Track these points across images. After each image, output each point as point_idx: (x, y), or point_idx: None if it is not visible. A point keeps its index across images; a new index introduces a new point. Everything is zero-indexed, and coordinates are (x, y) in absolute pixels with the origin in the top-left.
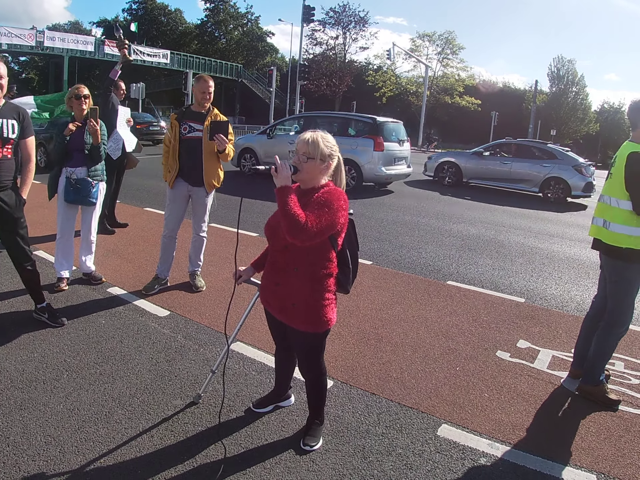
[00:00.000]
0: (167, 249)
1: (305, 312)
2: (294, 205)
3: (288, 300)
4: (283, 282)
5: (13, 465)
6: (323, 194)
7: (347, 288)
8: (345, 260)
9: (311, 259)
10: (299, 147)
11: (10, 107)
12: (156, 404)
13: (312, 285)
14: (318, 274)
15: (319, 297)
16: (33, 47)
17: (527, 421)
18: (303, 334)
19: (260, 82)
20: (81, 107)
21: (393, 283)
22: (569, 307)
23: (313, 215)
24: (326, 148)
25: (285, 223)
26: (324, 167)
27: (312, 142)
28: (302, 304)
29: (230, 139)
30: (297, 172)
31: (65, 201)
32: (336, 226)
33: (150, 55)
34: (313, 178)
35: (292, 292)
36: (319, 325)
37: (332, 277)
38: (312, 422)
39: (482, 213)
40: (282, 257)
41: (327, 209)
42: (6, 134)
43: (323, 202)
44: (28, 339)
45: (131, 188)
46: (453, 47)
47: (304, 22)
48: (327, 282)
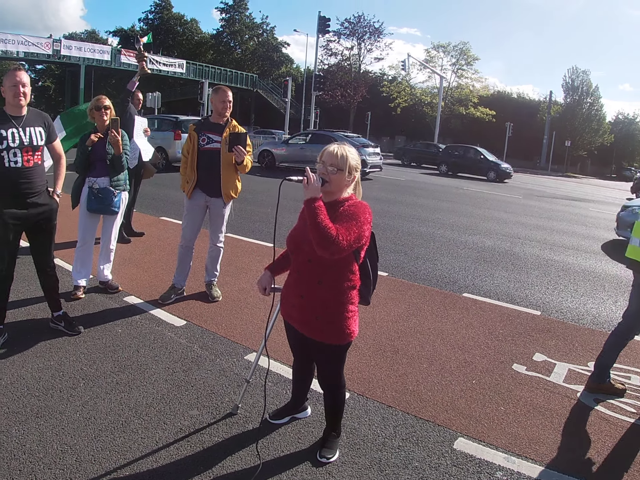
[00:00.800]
0: (184, 258)
1: (328, 325)
2: (325, 217)
3: (312, 313)
4: (307, 294)
5: (29, 473)
6: (349, 207)
7: (368, 299)
8: (366, 272)
9: (335, 272)
10: (327, 159)
11: (34, 114)
12: (173, 414)
13: (336, 298)
14: (342, 287)
15: (343, 310)
16: (50, 56)
17: (543, 435)
18: (326, 347)
19: (276, 92)
20: (102, 118)
21: (409, 295)
22: (585, 320)
23: (343, 229)
24: (353, 160)
25: (316, 236)
26: (350, 179)
27: (341, 154)
28: (326, 316)
29: (249, 150)
30: (324, 184)
31: (87, 210)
32: (362, 239)
33: (166, 65)
34: (340, 190)
35: (316, 304)
36: (342, 338)
37: (355, 289)
38: (329, 434)
39: (497, 224)
40: (306, 270)
41: (355, 222)
42: (36, 142)
43: (351, 215)
44: (44, 347)
45: (147, 197)
46: (467, 57)
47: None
48: (351, 295)
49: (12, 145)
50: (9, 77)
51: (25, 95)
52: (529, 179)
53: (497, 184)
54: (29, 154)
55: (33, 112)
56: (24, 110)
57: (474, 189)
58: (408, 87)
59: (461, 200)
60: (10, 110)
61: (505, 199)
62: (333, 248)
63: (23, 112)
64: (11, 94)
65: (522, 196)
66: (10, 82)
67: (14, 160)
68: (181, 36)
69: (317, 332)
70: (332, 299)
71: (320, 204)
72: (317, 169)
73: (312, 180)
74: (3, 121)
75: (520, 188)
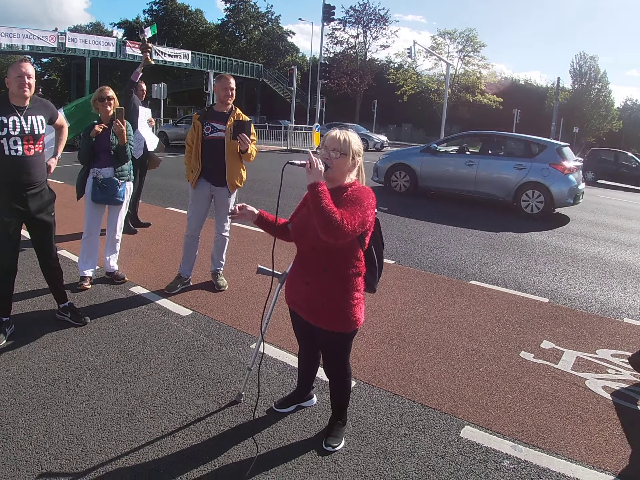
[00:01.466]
0: (190, 248)
1: (334, 312)
2: (329, 202)
3: (317, 300)
4: (312, 282)
5: (35, 463)
6: (353, 192)
7: (373, 287)
8: (372, 259)
9: (340, 258)
10: (329, 144)
11: (37, 103)
12: (179, 403)
13: (342, 285)
14: (347, 273)
15: (349, 297)
16: (55, 49)
17: (550, 423)
18: (331, 334)
19: (281, 81)
20: (106, 108)
21: (416, 282)
22: (593, 307)
23: (347, 213)
24: (355, 145)
25: (320, 220)
26: (353, 164)
27: (344, 139)
28: (331, 303)
29: (253, 139)
30: (327, 169)
31: (92, 201)
32: (367, 224)
33: (171, 56)
34: (343, 175)
35: (322, 291)
36: (348, 325)
37: (361, 276)
38: (335, 423)
39: (503, 212)
40: (311, 258)
41: (359, 206)
42: (37, 131)
43: (355, 200)
44: (51, 338)
45: (153, 188)
46: (474, 44)
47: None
48: (356, 282)
49: (12, 133)
50: (15, 68)
51: (30, 87)
52: None
53: None
54: (30, 142)
55: (37, 101)
56: (27, 101)
57: None
58: (414, 75)
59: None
60: (14, 101)
61: None
62: (337, 233)
63: (26, 103)
64: (16, 84)
65: None
66: (15, 73)
67: (14, 148)
68: (186, 27)
69: (323, 320)
70: (338, 286)
71: (324, 189)
72: (320, 154)
73: (315, 164)
74: (5, 109)
75: None
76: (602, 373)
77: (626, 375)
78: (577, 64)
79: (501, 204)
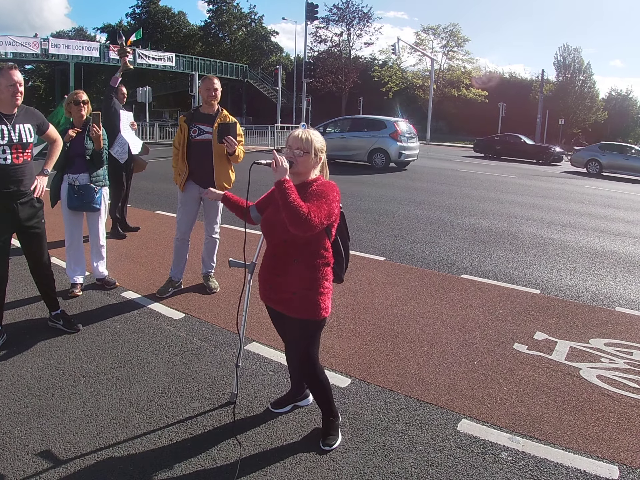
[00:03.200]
0: (180, 251)
1: (305, 300)
2: (295, 197)
3: (288, 290)
4: (283, 273)
5: (33, 473)
6: (319, 186)
7: (341, 277)
8: (338, 250)
9: (309, 249)
10: (292, 143)
11: (25, 111)
12: (174, 407)
13: (312, 274)
14: (316, 263)
15: (318, 285)
16: (38, 55)
17: (546, 413)
18: (300, 322)
19: (266, 81)
20: (80, 112)
21: (407, 278)
22: (584, 297)
23: (314, 207)
24: (317, 143)
25: (288, 215)
26: (316, 160)
27: (305, 138)
28: (301, 291)
29: (240, 140)
30: (292, 166)
31: (69, 208)
32: (332, 216)
33: (155, 59)
34: (307, 171)
35: (293, 282)
36: (317, 313)
37: (329, 266)
38: (327, 420)
39: (493, 205)
40: (281, 251)
41: (324, 200)
42: (25, 140)
43: (320, 194)
44: (44, 346)
45: (141, 192)
46: (458, 39)
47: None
48: (325, 271)
49: (1, 142)
50: (5, 76)
51: (22, 95)
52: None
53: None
54: (19, 151)
55: (24, 110)
56: (15, 109)
57: (469, 171)
58: (399, 71)
59: (456, 182)
60: (1, 109)
61: (500, 179)
62: (305, 226)
63: (14, 111)
64: (9, 93)
65: (518, 176)
66: (7, 81)
67: (3, 157)
68: (169, 29)
69: (293, 308)
70: (308, 275)
71: (290, 185)
72: (284, 152)
73: (280, 163)
74: None
75: (515, 168)
76: (596, 362)
77: (620, 364)
78: (560, 55)
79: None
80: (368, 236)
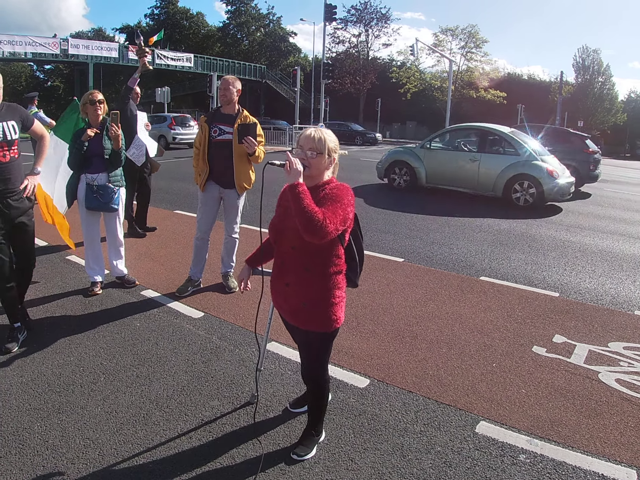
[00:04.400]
0: (200, 251)
1: (315, 312)
2: (310, 202)
3: (298, 301)
4: (292, 282)
5: (52, 468)
6: (332, 190)
7: (355, 282)
8: (352, 255)
9: (321, 257)
10: (304, 144)
11: (5, 108)
12: (193, 405)
13: (323, 284)
14: (328, 272)
15: (330, 296)
16: (57, 55)
17: (565, 417)
18: (312, 334)
19: (285, 82)
20: (96, 112)
21: (426, 280)
22: (603, 301)
23: (329, 212)
24: (331, 143)
25: (302, 221)
26: (329, 161)
27: (318, 138)
28: (312, 303)
29: (260, 140)
30: (305, 169)
31: (86, 208)
32: (347, 221)
33: (174, 60)
34: (320, 173)
35: (302, 291)
36: (329, 325)
37: (342, 274)
38: (309, 431)
39: (511, 207)
40: (290, 258)
41: (339, 204)
42: (10, 137)
43: (334, 198)
44: (64, 343)
45: (160, 191)
46: (476, 40)
47: (326, 21)
48: (337, 279)
49: None
50: None
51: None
52: None
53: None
54: (5, 149)
55: (5, 107)
56: None
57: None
58: (417, 72)
59: None
60: None
61: None
62: (321, 233)
63: None
64: None
65: None
66: None
67: None
68: (188, 30)
69: (303, 320)
70: (319, 285)
71: (304, 189)
72: (296, 154)
73: (294, 165)
74: None
75: None
76: (615, 366)
77: (639, 368)
78: (580, 57)
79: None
80: (387, 237)
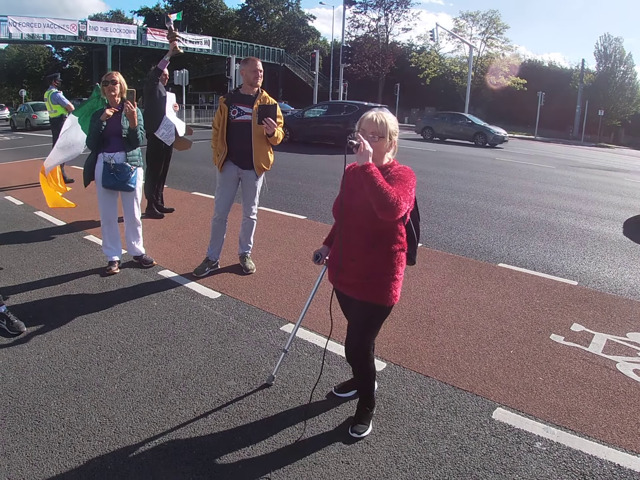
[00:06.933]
0: (218, 231)
1: (378, 285)
2: (383, 181)
3: (363, 275)
4: (359, 257)
5: (68, 445)
6: (397, 171)
7: (413, 259)
8: (411, 233)
9: (387, 235)
10: (367, 127)
11: None
12: (210, 385)
13: (389, 260)
14: (393, 249)
15: (394, 271)
16: (76, 38)
17: (582, 406)
18: (371, 306)
19: (303, 66)
20: (112, 92)
21: (443, 265)
22: (622, 291)
23: (401, 191)
24: (392, 126)
25: (377, 199)
26: (390, 144)
27: (380, 121)
28: (376, 277)
29: (279, 122)
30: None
31: (103, 187)
32: (412, 201)
33: (192, 42)
34: (381, 157)
35: (368, 267)
36: (388, 298)
37: (404, 251)
38: (363, 408)
39: (530, 195)
40: (358, 236)
41: (407, 184)
42: None
43: (401, 178)
44: (81, 322)
45: (178, 173)
46: (497, 26)
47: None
48: (400, 256)
49: None
50: None
51: None
52: (562, 149)
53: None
54: None
55: None
56: None
57: (506, 159)
58: (437, 58)
59: (493, 171)
60: None
61: (538, 169)
62: (395, 210)
63: None
64: None
65: (556, 166)
66: None
67: None
68: (206, 13)
69: (366, 293)
70: (384, 261)
71: (376, 169)
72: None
73: (365, 147)
74: None
75: (553, 158)
76: (633, 356)
77: None
78: (601, 45)
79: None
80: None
